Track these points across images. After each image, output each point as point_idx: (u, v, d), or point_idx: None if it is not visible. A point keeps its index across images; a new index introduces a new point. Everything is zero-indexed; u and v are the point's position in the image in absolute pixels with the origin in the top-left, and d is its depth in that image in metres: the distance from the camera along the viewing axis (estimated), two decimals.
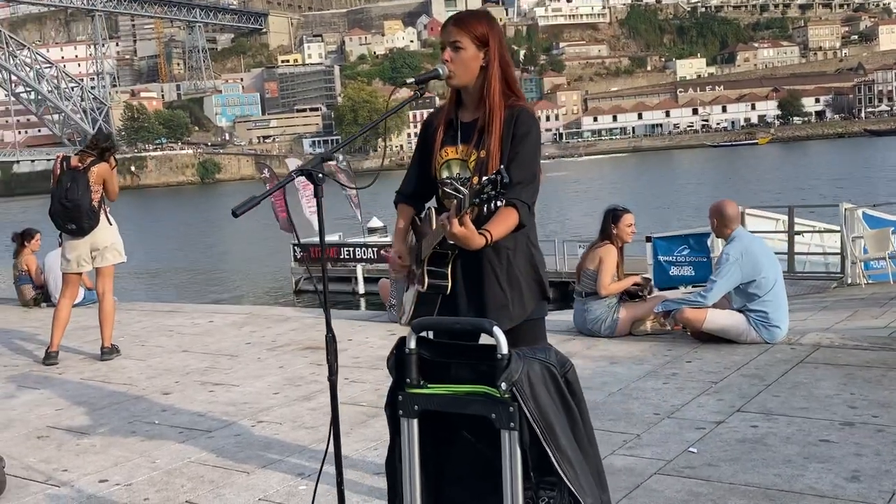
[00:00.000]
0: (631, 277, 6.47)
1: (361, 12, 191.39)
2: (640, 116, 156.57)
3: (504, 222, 2.54)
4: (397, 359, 2.28)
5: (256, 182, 27.02)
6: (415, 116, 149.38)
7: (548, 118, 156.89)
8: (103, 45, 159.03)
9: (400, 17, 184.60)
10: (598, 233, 6.48)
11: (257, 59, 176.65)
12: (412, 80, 2.66)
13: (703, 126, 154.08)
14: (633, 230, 6.44)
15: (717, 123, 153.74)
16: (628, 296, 6.31)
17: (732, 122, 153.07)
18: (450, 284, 2.67)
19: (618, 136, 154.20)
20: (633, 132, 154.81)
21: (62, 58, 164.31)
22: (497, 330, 2.10)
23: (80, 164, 6.25)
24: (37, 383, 5.76)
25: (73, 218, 6.18)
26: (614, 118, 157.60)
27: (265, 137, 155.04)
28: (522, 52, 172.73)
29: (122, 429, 4.51)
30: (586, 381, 4.78)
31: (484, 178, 2.33)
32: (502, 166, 2.38)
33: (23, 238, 10.22)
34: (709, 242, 12.08)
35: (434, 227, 2.60)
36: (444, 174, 2.72)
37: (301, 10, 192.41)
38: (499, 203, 2.35)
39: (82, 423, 4.69)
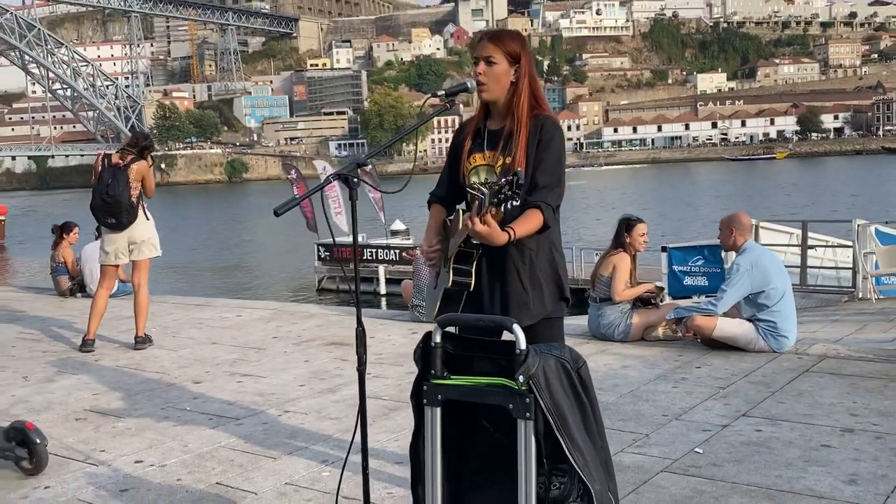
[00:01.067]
0: (644, 285, 6.64)
1: (390, 19, 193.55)
2: (659, 129, 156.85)
3: (528, 222, 2.71)
4: (423, 351, 2.42)
5: (283, 182, 27.45)
6: (438, 123, 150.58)
7: (569, 128, 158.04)
8: (138, 46, 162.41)
9: (427, 25, 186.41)
10: (612, 241, 6.68)
11: (287, 62, 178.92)
12: (442, 92, 2.84)
13: (722, 139, 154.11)
14: (646, 239, 6.62)
15: (736, 137, 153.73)
16: (641, 302, 6.49)
17: (751, 137, 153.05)
18: (473, 281, 2.80)
19: (637, 147, 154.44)
20: (653, 144, 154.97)
21: (98, 56, 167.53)
22: (517, 327, 2.26)
23: (120, 162, 6.50)
24: (75, 369, 5.99)
25: (113, 212, 6.43)
26: (634, 130, 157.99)
27: (292, 139, 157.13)
28: (546, 63, 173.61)
29: (156, 414, 4.73)
30: (599, 383, 4.96)
31: (502, 179, 2.50)
32: (519, 169, 2.57)
33: (62, 231, 10.51)
34: (722, 254, 12.19)
35: (461, 226, 2.76)
36: (473, 179, 2.86)
37: (331, 16, 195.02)
38: (514, 203, 2.55)
39: (118, 408, 4.91)
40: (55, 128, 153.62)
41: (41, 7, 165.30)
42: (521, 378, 2.22)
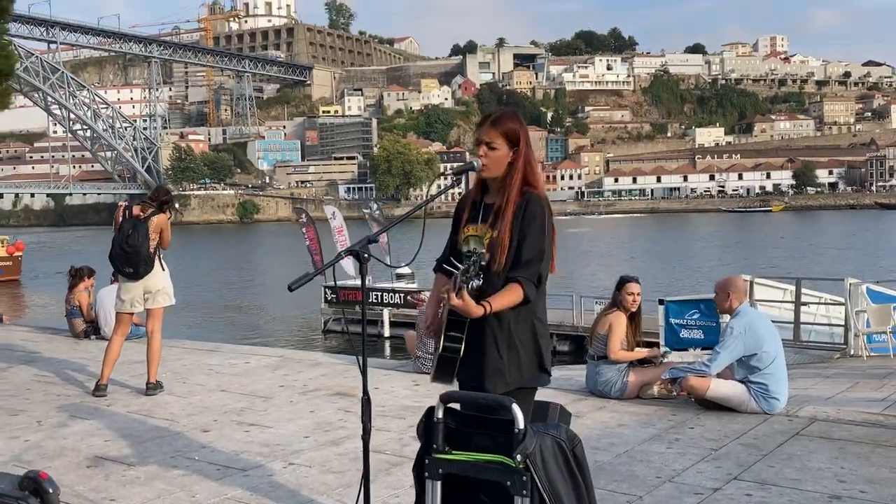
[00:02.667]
0: (642, 350, 6.74)
1: (400, 70, 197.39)
2: (658, 179, 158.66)
3: (507, 296, 2.88)
4: (426, 426, 2.56)
5: (293, 224, 28.09)
6: (445, 169, 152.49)
7: (571, 177, 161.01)
8: (157, 90, 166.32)
9: (436, 76, 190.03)
10: (611, 298, 6.83)
11: (300, 108, 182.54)
12: (450, 171, 3.10)
13: (720, 191, 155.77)
14: (636, 299, 6.67)
15: (733, 190, 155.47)
16: (638, 360, 6.61)
17: (748, 189, 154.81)
18: (463, 348, 2.91)
19: (637, 197, 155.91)
20: (652, 194, 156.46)
21: (118, 99, 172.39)
22: (515, 407, 2.39)
23: (141, 214, 6.72)
24: (88, 414, 6.11)
25: (132, 262, 6.63)
26: (634, 180, 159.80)
27: (303, 182, 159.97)
28: (550, 114, 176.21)
29: (165, 462, 4.85)
30: (595, 441, 5.11)
31: (472, 258, 2.73)
32: (483, 250, 2.81)
33: (79, 275, 10.62)
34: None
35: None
36: (465, 248, 3.08)
37: (344, 66, 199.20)
38: (477, 282, 2.75)
39: (128, 455, 5.03)
40: (74, 167, 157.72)
41: (66, 51, 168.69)
42: (518, 457, 2.36)
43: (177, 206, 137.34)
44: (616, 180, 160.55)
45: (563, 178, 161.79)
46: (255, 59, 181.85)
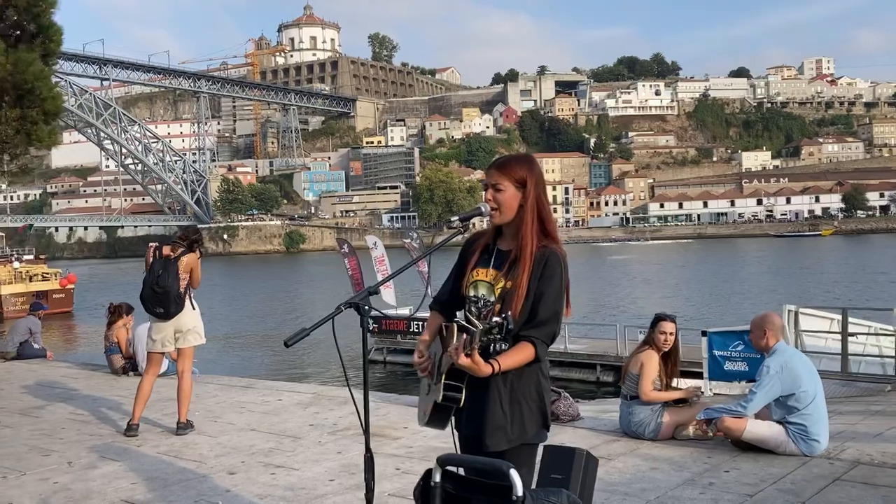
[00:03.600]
0: (676, 391, 6.48)
1: (442, 100, 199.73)
2: (705, 205, 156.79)
3: (517, 355, 2.77)
4: (423, 490, 2.50)
5: (337, 253, 28.64)
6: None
7: (615, 202, 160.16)
8: (206, 124, 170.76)
9: (477, 105, 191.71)
10: (645, 336, 6.62)
11: (344, 139, 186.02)
12: (456, 217, 2.93)
13: (768, 216, 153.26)
14: (668, 339, 6.42)
15: (782, 214, 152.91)
16: (673, 400, 6.36)
17: (796, 214, 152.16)
18: (463, 398, 2.83)
19: (683, 223, 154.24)
20: (699, 219, 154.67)
21: (168, 133, 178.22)
22: (514, 473, 2.31)
23: (171, 254, 6.78)
24: (117, 455, 6.14)
25: (162, 302, 6.68)
26: (680, 205, 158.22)
27: (347, 211, 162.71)
28: (593, 140, 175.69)
29: None
30: (626, 487, 4.97)
31: (494, 318, 2.60)
32: (510, 313, 2.64)
33: (118, 311, 10.78)
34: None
35: (455, 342, 2.74)
36: (471, 293, 2.94)
37: (387, 97, 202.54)
38: (503, 346, 2.61)
39: (152, 499, 5.03)
40: (125, 200, 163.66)
41: (118, 88, 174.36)
42: None
43: (225, 236, 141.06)
44: (661, 206, 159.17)
45: (606, 203, 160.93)
46: (301, 93, 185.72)
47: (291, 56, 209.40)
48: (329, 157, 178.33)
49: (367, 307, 2.76)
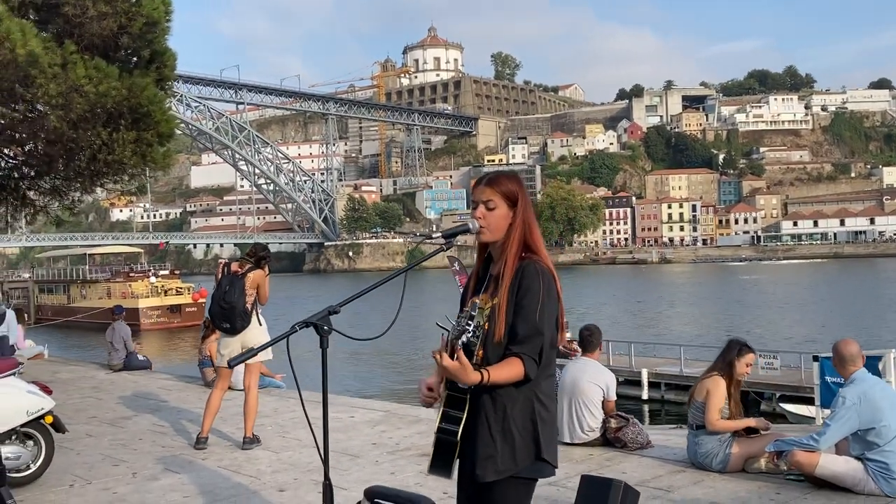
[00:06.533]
0: (745, 420, 6.12)
1: (564, 117, 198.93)
2: (842, 222, 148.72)
3: (505, 369, 2.66)
4: None
5: (449, 272, 28.94)
6: (611, 214, 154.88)
7: (745, 220, 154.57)
8: (333, 145, 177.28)
9: (600, 121, 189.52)
10: (714, 362, 6.23)
11: (466, 158, 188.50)
12: (439, 234, 2.92)
13: None
14: (748, 372, 6.17)
15: None
16: (745, 430, 6.03)
17: None
18: (460, 431, 2.67)
19: (819, 242, 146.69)
20: (835, 238, 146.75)
21: (298, 154, 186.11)
22: None
23: (239, 270, 7.00)
24: (180, 467, 6.36)
25: (228, 318, 6.89)
26: (815, 223, 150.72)
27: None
28: (721, 156, 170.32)
29: None
30: None
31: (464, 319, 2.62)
32: (475, 313, 2.66)
33: (211, 326, 11.21)
34: (880, 366, 11.26)
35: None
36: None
37: (508, 115, 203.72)
38: (469, 336, 2.64)
39: None
40: (258, 218, 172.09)
41: (252, 111, 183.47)
42: None
43: (350, 254, 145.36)
44: (795, 224, 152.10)
45: (736, 222, 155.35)
46: (424, 113, 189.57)
47: (416, 77, 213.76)
48: (451, 176, 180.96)
49: (325, 327, 2.70)
